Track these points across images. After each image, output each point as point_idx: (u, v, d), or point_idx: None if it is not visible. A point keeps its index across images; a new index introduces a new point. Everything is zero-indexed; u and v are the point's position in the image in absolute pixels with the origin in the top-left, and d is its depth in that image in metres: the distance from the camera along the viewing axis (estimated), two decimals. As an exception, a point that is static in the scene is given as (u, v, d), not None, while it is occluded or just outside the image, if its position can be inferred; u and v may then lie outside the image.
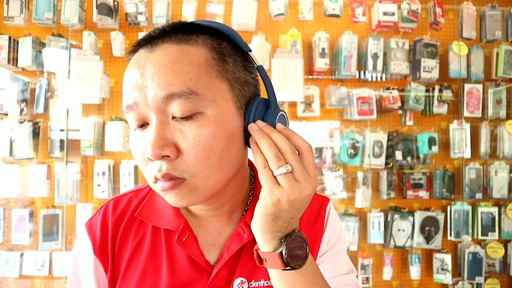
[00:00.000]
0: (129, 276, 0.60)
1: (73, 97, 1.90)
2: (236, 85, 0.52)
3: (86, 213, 1.95)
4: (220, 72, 0.50)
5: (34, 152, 1.98)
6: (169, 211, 0.61)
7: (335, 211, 0.70)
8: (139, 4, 1.98)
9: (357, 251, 2.07)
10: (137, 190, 0.67)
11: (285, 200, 0.47)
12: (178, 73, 0.47)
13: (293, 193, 0.47)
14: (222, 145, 0.49)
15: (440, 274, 2.08)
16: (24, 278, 1.98)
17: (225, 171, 0.51)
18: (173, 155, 0.48)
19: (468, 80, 2.15)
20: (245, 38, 2.05)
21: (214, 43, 0.52)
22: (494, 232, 2.08)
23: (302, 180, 0.48)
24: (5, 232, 2.00)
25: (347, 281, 0.63)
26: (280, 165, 0.48)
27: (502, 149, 2.13)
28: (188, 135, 0.47)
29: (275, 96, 0.54)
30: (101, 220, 0.63)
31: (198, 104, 0.47)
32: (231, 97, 0.51)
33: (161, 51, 0.49)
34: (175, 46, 0.49)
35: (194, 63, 0.48)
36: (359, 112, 2.08)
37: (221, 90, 0.50)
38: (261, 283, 0.59)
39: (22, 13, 1.94)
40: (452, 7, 2.23)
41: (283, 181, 0.47)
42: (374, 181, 2.17)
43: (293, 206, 0.48)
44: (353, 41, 2.07)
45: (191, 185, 0.49)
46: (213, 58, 0.50)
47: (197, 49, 0.50)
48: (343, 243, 0.67)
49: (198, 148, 0.47)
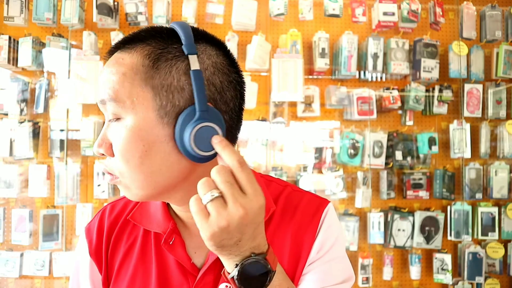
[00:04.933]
0: (120, 279, 0.61)
1: (73, 97, 1.90)
2: (163, 93, 0.50)
3: (86, 213, 1.94)
4: (144, 80, 0.50)
5: (34, 152, 1.98)
6: (159, 214, 0.62)
7: (335, 214, 0.65)
8: (139, 4, 1.98)
9: (357, 251, 2.07)
10: None
11: (216, 231, 0.43)
12: (105, 81, 0.52)
13: (221, 221, 0.43)
14: (139, 151, 0.50)
15: (440, 274, 2.08)
16: (24, 278, 1.98)
17: (153, 176, 0.51)
18: (107, 153, 0.53)
19: (468, 80, 2.15)
20: (245, 38, 2.08)
21: (156, 48, 0.51)
22: (494, 232, 2.08)
23: (230, 204, 0.43)
24: (5, 232, 2.00)
25: None
26: (206, 191, 0.44)
27: (502, 149, 2.13)
28: (115, 137, 0.52)
29: (204, 104, 0.49)
30: (97, 224, 0.66)
31: (119, 110, 0.51)
32: (153, 105, 0.50)
33: (111, 59, 0.54)
34: (118, 55, 0.53)
35: (120, 72, 0.51)
36: (359, 112, 2.08)
37: (142, 98, 0.50)
38: None
39: (22, 13, 1.94)
40: (452, 7, 2.23)
41: (211, 209, 0.43)
42: (374, 181, 2.17)
43: (229, 233, 0.43)
44: (353, 41, 2.07)
45: (123, 184, 0.54)
46: (142, 66, 0.50)
47: (131, 57, 0.52)
48: (339, 249, 0.62)
49: (118, 150, 0.51)
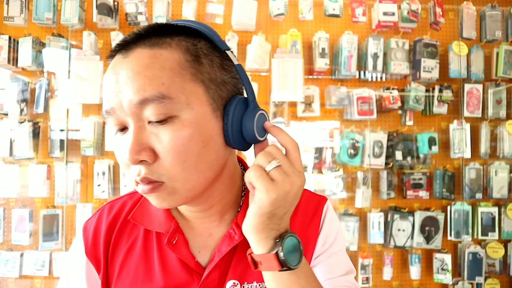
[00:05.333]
0: (122, 279, 0.60)
1: (73, 97, 1.90)
2: (212, 86, 0.51)
3: (86, 213, 1.94)
4: (194, 75, 0.50)
5: (34, 152, 1.98)
6: (160, 213, 0.61)
7: (333, 210, 0.68)
8: (139, 4, 1.98)
9: (357, 251, 2.07)
10: (132, 193, 0.68)
11: (281, 194, 0.47)
12: (150, 78, 0.47)
13: (286, 185, 0.47)
14: (198, 148, 0.49)
15: (440, 274, 2.08)
16: (24, 278, 1.98)
17: (204, 173, 0.51)
18: (150, 159, 0.48)
19: (468, 80, 2.15)
20: (245, 38, 2.08)
21: (189, 44, 0.51)
22: (494, 232, 2.08)
23: (291, 173, 0.48)
24: (5, 232, 2.00)
25: (344, 283, 0.61)
26: (270, 159, 0.49)
27: (502, 149, 2.13)
28: (163, 139, 0.47)
29: (254, 95, 0.53)
30: (95, 223, 0.64)
31: (172, 108, 0.47)
32: (206, 99, 0.50)
33: (134, 56, 0.49)
34: (147, 51, 0.49)
35: (167, 68, 0.48)
36: (359, 112, 2.08)
37: (195, 93, 0.49)
38: (254, 285, 0.59)
39: (22, 13, 1.94)
40: (452, 7, 2.23)
41: (276, 175, 0.48)
42: (374, 181, 2.17)
43: (287, 200, 0.48)
44: (353, 41, 2.07)
45: (170, 188, 0.50)
46: (186, 61, 0.50)
47: (170, 52, 0.49)
48: (341, 243, 0.65)
49: (173, 152, 0.47)
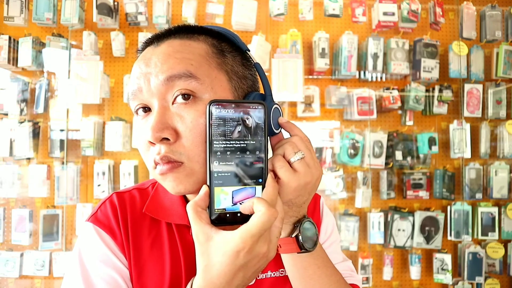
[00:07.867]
0: (146, 273, 0.59)
1: (73, 97, 1.90)
2: (235, 78, 0.55)
3: (86, 213, 1.94)
4: (219, 64, 0.53)
5: (34, 152, 1.98)
6: (177, 206, 0.62)
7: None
8: (139, 4, 1.98)
9: (357, 251, 2.07)
10: (138, 187, 0.68)
11: (301, 185, 0.50)
12: (179, 59, 0.51)
13: (307, 177, 0.50)
14: None
15: (440, 274, 2.08)
16: (24, 278, 1.98)
17: None
18: (172, 138, 0.50)
19: (468, 80, 2.15)
20: (245, 38, 2.07)
21: (214, 41, 0.56)
22: (494, 232, 2.08)
23: (312, 165, 0.51)
24: (5, 232, 2.00)
25: (345, 267, 0.70)
26: (296, 151, 0.51)
27: (502, 149, 2.13)
28: (186, 119, 0.50)
29: (270, 90, 0.56)
30: (112, 213, 0.61)
31: (197, 88, 0.50)
32: (229, 87, 0.53)
33: (166, 45, 0.53)
34: (178, 41, 0.53)
35: (195, 53, 0.52)
36: (359, 112, 2.08)
37: (220, 79, 0.52)
38: (268, 275, 0.63)
39: (22, 13, 1.94)
40: (452, 7, 2.23)
41: (299, 167, 0.50)
42: (374, 181, 2.17)
43: (306, 190, 0.51)
44: (353, 41, 2.07)
45: (188, 169, 0.51)
46: (213, 52, 0.54)
47: (199, 43, 0.54)
48: (336, 234, 0.73)
49: (195, 131, 0.50)
